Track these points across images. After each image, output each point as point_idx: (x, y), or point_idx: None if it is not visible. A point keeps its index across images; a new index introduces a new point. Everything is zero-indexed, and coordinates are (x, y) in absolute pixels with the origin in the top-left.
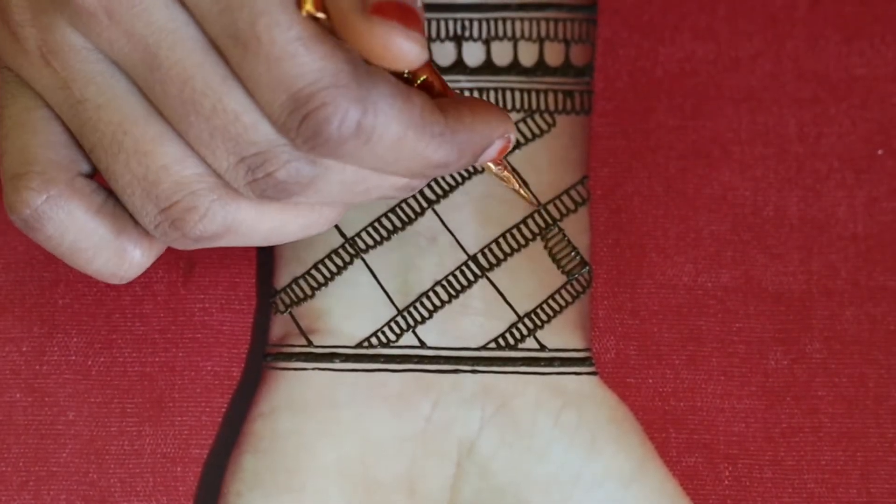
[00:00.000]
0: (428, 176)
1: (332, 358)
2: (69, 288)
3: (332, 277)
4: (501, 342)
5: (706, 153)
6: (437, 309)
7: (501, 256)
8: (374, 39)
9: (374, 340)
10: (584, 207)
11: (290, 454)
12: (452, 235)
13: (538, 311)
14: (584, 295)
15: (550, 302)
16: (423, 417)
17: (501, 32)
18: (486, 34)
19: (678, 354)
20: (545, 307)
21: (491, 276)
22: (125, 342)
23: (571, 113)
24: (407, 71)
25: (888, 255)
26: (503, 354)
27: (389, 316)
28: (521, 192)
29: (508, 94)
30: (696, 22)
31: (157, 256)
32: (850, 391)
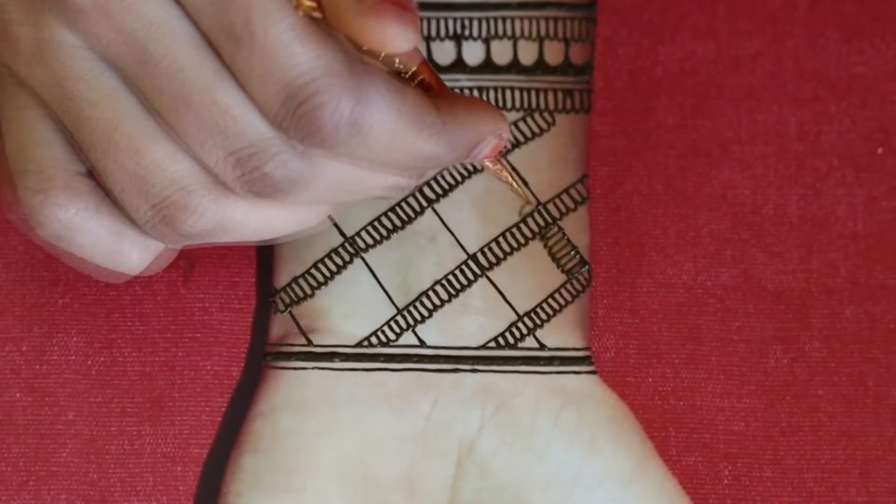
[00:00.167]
0: (420, 170)
1: (331, 357)
2: (69, 288)
3: (331, 277)
4: (501, 341)
5: (706, 152)
6: (436, 308)
7: (501, 255)
8: (366, 23)
9: (373, 340)
10: (583, 206)
11: (289, 454)
12: (452, 234)
13: (538, 310)
14: (583, 294)
15: (550, 301)
16: (422, 417)
17: (501, 31)
18: (485, 33)
19: (678, 353)
20: (545, 306)
21: (491, 275)
22: (125, 342)
23: (571, 112)
24: (403, 69)
25: (888, 253)
26: (503, 354)
27: (389, 315)
28: (519, 191)
29: (508, 92)
30: (696, 21)
31: (155, 255)
32: (849, 390)
